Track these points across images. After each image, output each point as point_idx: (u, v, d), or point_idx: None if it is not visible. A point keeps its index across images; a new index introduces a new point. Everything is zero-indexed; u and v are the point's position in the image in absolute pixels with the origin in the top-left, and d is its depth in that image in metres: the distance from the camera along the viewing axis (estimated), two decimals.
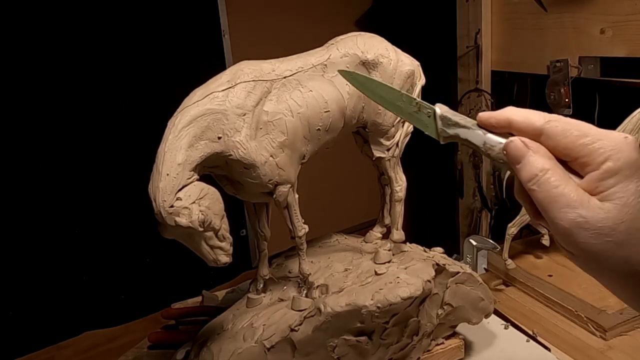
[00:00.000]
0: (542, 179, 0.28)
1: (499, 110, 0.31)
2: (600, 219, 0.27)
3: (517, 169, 0.30)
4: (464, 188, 1.28)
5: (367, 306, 0.54)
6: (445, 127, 0.34)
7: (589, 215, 0.27)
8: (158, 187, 0.44)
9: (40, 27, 0.91)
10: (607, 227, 0.27)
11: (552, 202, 0.28)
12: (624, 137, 0.28)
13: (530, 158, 0.29)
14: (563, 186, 0.28)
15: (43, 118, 0.94)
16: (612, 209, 0.27)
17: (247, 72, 0.51)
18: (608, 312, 0.71)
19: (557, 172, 0.28)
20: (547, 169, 0.28)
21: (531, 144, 0.29)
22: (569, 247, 0.29)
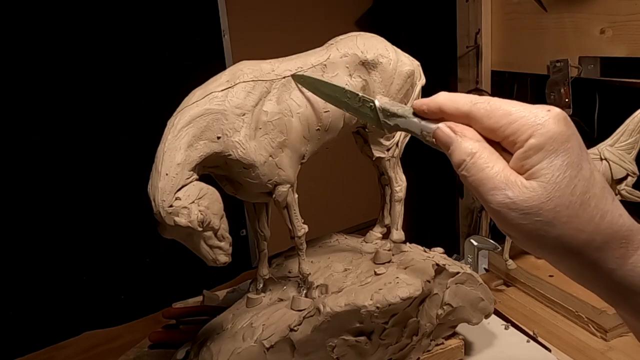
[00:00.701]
0: (469, 164, 0.28)
1: (431, 97, 0.31)
2: (527, 199, 0.26)
3: (448, 155, 0.30)
4: (464, 188, 1.28)
5: (367, 306, 0.54)
6: (386, 118, 0.35)
7: (515, 196, 0.26)
8: (157, 187, 0.44)
9: (41, 27, 0.92)
10: (534, 207, 0.26)
11: (481, 186, 0.28)
12: (547, 110, 0.27)
13: (457, 144, 0.29)
14: (490, 168, 0.27)
15: (43, 118, 0.94)
16: (538, 187, 0.26)
17: (246, 72, 0.51)
18: (609, 313, 0.71)
19: (485, 154, 0.28)
20: (474, 152, 0.28)
21: (458, 128, 0.29)
22: (503, 228, 0.28)
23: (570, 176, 0.26)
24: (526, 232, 0.27)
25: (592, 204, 0.26)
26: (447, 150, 0.30)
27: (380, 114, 0.35)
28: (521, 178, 0.27)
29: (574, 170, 0.26)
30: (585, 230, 0.26)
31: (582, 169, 0.26)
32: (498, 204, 0.27)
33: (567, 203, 0.26)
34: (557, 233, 0.26)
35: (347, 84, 0.56)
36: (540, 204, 0.26)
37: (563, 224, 0.26)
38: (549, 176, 0.26)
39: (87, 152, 0.99)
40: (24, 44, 0.91)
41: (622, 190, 0.78)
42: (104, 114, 1.00)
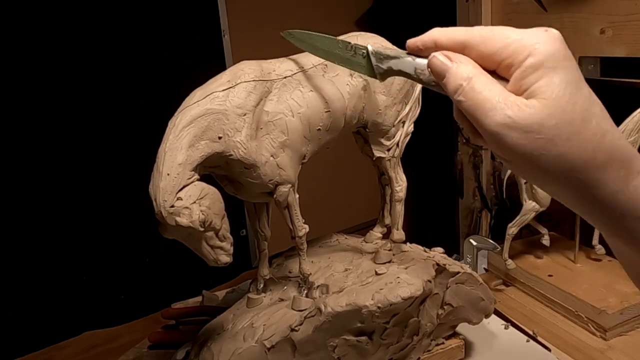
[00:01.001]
0: (466, 88, 0.28)
1: (425, 33, 0.31)
2: (527, 117, 0.26)
3: (443, 84, 0.29)
4: (464, 188, 1.28)
5: (368, 306, 0.54)
6: (379, 62, 0.35)
7: (515, 114, 0.26)
8: (158, 187, 0.44)
9: (41, 27, 0.91)
10: (535, 124, 0.25)
11: (479, 109, 0.27)
12: (544, 30, 0.27)
13: (453, 69, 0.28)
14: (488, 90, 0.27)
15: (43, 118, 0.94)
16: (538, 104, 0.26)
17: (247, 72, 0.51)
18: (608, 313, 0.71)
19: (482, 78, 0.28)
20: (471, 77, 0.28)
21: (454, 55, 0.29)
22: (501, 152, 0.28)
23: (570, 93, 0.26)
24: (526, 154, 0.26)
25: (593, 122, 0.26)
26: (443, 78, 0.29)
27: (373, 58, 0.35)
28: (520, 98, 0.26)
29: (574, 88, 0.26)
30: (587, 148, 0.25)
31: (581, 88, 0.26)
32: (497, 125, 0.26)
33: (568, 119, 0.25)
34: (558, 151, 0.25)
35: (348, 84, 0.56)
36: (542, 121, 0.25)
37: (565, 141, 0.25)
38: (548, 93, 0.26)
39: (87, 152, 0.99)
40: (24, 44, 0.91)
41: None
42: (105, 114, 1.00)
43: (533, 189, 0.82)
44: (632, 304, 0.73)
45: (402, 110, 0.62)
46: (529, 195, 0.83)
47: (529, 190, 0.83)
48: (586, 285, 0.79)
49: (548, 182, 0.28)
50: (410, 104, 0.62)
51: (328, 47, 0.40)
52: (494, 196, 1.23)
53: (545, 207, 0.82)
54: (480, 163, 1.22)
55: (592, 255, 0.87)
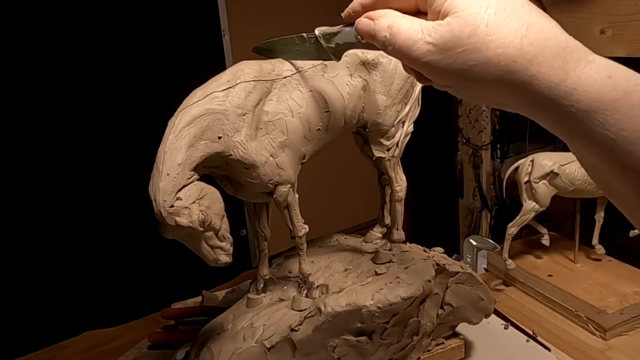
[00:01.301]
0: (389, 36, 0.29)
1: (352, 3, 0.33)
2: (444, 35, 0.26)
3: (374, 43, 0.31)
4: (464, 188, 1.28)
5: (368, 306, 0.54)
6: (327, 42, 0.38)
7: (434, 38, 0.26)
8: (158, 187, 0.44)
9: (41, 27, 0.91)
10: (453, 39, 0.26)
11: (404, 48, 0.28)
12: None
13: (375, 26, 0.30)
14: (407, 29, 0.28)
15: (43, 118, 0.94)
16: (452, 19, 0.26)
17: (247, 72, 0.51)
18: (608, 312, 0.71)
19: (401, 21, 0.29)
20: (391, 24, 0.29)
21: (374, 13, 0.31)
22: (440, 80, 0.28)
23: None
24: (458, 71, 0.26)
25: (513, 17, 0.25)
26: (372, 38, 0.31)
27: (322, 40, 0.38)
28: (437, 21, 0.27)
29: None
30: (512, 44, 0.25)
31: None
32: (423, 54, 0.27)
33: (485, 22, 0.25)
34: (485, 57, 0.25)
35: (348, 84, 0.56)
36: (459, 33, 0.26)
37: (487, 44, 0.25)
38: (458, 5, 0.26)
39: (87, 152, 0.99)
40: (24, 44, 0.91)
41: None
42: (105, 114, 1.00)
43: (533, 189, 0.82)
44: (632, 303, 0.73)
45: (402, 110, 0.62)
46: (529, 196, 0.83)
47: (529, 191, 0.83)
48: (586, 285, 0.79)
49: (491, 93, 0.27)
50: (410, 104, 0.62)
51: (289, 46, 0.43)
52: (494, 196, 1.23)
53: (545, 207, 0.82)
54: (480, 163, 1.22)
55: (592, 255, 0.87)
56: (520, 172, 0.84)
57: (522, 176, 0.83)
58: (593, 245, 0.86)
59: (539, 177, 0.81)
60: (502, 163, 1.22)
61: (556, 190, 0.81)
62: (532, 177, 0.82)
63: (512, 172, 0.86)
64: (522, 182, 0.83)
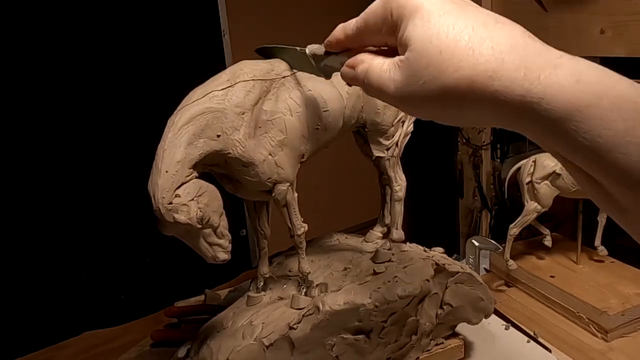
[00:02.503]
0: (367, 82, 0.30)
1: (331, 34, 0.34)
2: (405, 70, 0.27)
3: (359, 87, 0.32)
4: (464, 188, 1.27)
5: (365, 305, 0.54)
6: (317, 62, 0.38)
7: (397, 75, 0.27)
8: (157, 184, 0.45)
9: (41, 27, 0.92)
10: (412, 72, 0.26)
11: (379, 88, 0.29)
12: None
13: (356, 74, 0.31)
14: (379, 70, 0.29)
15: (43, 118, 0.95)
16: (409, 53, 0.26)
17: (246, 71, 0.51)
18: (609, 314, 0.70)
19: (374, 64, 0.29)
20: (366, 70, 0.30)
21: (352, 61, 0.31)
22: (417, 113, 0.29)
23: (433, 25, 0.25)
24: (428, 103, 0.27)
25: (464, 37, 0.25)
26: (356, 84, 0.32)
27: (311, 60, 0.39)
28: (399, 57, 0.27)
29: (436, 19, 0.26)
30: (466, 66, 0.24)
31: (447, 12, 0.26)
32: (393, 93, 0.27)
33: (438, 49, 0.25)
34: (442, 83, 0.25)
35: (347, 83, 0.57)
36: (416, 67, 0.26)
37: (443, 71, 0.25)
38: (413, 37, 0.26)
39: (87, 151, 0.99)
40: (24, 45, 0.92)
41: None
42: (105, 113, 1.00)
43: (535, 189, 0.82)
44: (634, 305, 0.72)
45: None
46: (531, 196, 0.83)
47: (531, 191, 0.82)
48: (588, 286, 0.78)
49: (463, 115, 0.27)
50: None
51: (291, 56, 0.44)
52: (494, 196, 1.23)
53: (547, 208, 0.82)
54: (480, 163, 1.22)
55: (594, 256, 0.87)
56: (522, 173, 0.83)
57: (525, 177, 0.82)
58: (595, 246, 0.85)
59: (542, 177, 0.81)
60: (502, 163, 1.22)
61: (558, 191, 0.81)
62: (534, 177, 0.81)
63: (514, 173, 0.86)
64: (524, 182, 0.83)
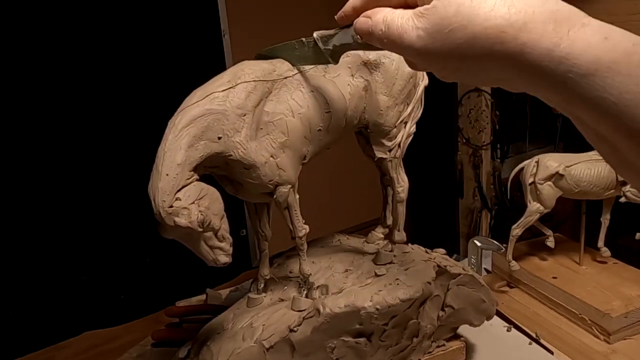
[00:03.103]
0: (384, 30, 0.29)
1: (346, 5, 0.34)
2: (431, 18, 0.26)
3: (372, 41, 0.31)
4: (464, 188, 1.27)
5: (366, 307, 0.53)
6: (325, 45, 0.38)
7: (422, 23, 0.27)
8: (157, 187, 0.44)
9: (41, 27, 0.92)
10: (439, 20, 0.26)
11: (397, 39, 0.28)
12: None
13: (372, 23, 0.30)
14: (399, 19, 0.28)
15: (43, 118, 0.94)
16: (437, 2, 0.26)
17: (247, 72, 0.51)
18: (612, 316, 0.70)
19: (394, 14, 0.29)
20: (386, 18, 0.29)
21: (371, 12, 0.31)
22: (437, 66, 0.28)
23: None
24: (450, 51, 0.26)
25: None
26: (370, 36, 0.31)
27: (320, 43, 0.39)
28: (424, 6, 0.27)
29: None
30: (498, 15, 0.24)
31: None
32: (414, 42, 0.27)
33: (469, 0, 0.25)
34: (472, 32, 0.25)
35: (349, 84, 0.56)
36: (444, 14, 0.26)
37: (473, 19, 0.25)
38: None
39: (87, 152, 0.99)
40: (24, 45, 0.91)
41: (627, 192, 0.78)
42: (104, 114, 1.00)
43: (538, 190, 0.81)
44: (637, 307, 0.72)
45: (404, 111, 0.61)
46: (534, 197, 0.82)
47: (534, 192, 0.82)
48: (590, 287, 0.78)
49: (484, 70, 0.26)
50: (412, 105, 0.62)
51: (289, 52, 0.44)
52: (494, 196, 1.23)
53: (550, 209, 0.82)
54: (480, 163, 1.22)
55: (597, 258, 0.87)
56: (525, 173, 0.83)
57: (527, 177, 0.82)
58: (598, 247, 0.85)
59: (544, 178, 0.80)
60: (502, 163, 1.22)
61: (561, 192, 0.80)
62: (537, 178, 0.81)
63: (516, 173, 0.85)
64: (526, 183, 0.82)
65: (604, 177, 0.77)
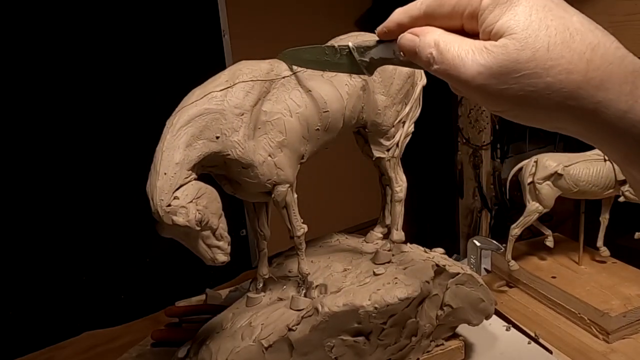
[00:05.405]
0: (435, 54, 0.27)
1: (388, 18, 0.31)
2: (499, 58, 0.24)
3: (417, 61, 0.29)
4: (464, 188, 1.27)
5: (364, 306, 0.53)
6: (361, 56, 0.37)
7: (487, 60, 0.24)
8: (155, 186, 0.44)
9: (41, 27, 0.92)
10: (510, 63, 0.24)
11: (452, 69, 0.26)
12: None
13: (419, 43, 0.28)
14: (455, 47, 0.26)
15: (43, 118, 0.95)
16: (507, 41, 0.24)
17: (245, 72, 0.51)
18: (611, 315, 0.70)
19: (448, 38, 0.27)
20: (437, 42, 0.27)
21: (419, 30, 0.29)
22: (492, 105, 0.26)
23: (539, 18, 0.24)
24: (514, 97, 0.24)
25: (576, 39, 0.23)
26: (415, 55, 0.29)
27: (355, 53, 0.37)
28: (489, 42, 0.25)
29: (542, 12, 0.24)
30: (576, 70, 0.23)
31: (551, 9, 0.24)
32: (474, 78, 0.25)
33: (545, 46, 0.23)
34: (545, 83, 0.23)
35: (347, 84, 0.56)
36: (517, 57, 0.24)
37: (549, 69, 0.23)
38: (514, 26, 0.24)
39: (86, 151, 0.99)
40: (24, 45, 0.91)
41: (626, 192, 0.78)
42: (104, 114, 1.00)
43: (537, 190, 0.81)
44: (636, 306, 0.72)
45: (402, 111, 0.62)
46: (533, 197, 0.82)
47: (533, 192, 0.82)
48: (589, 287, 0.78)
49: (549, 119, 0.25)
50: (410, 104, 0.62)
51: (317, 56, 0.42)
52: (494, 196, 1.23)
53: (549, 209, 0.82)
54: (480, 163, 1.22)
55: (596, 257, 0.87)
56: (524, 173, 0.83)
57: (526, 177, 0.82)
58: (598, 247, 0.85)
59: (543, 178, 0.80)
60: (502, 163, 1.22)
61: (560, 192, 0.80)
62: (536, 178, 0.81)
63: (515, 173, 0.85)
64: (525, 183, 0.82)
65: (602, 177, 0.77)
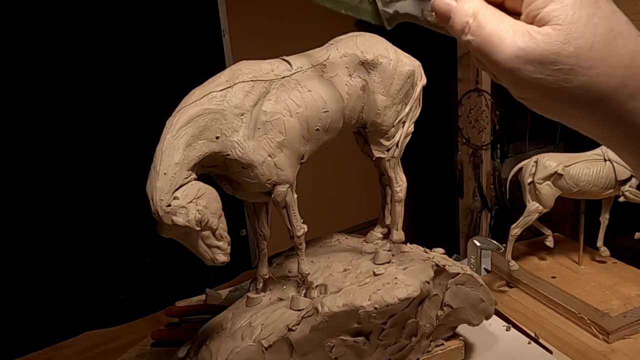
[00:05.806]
0: (472, 25, 0.25)
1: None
2: (541, 46, 0.23)
3: (449, 26, 0.27)
4: (464, 188, 1.27)
5: (364, 307, 0.53)
6: (385, 7, 0.34)
7: (527, 45, 0.23)
8: (155, 186, 0.45)
9: (41, 27, 0.92)
10: (551, 54, 0.23)
11: (488, 45, 0.24)
12: None
13: (457, 8, 0.26)
14: (495, 23, 0.24)
15: (43, 118, 0.95)
16: (552, 31, 0.23)
17: (245, 72, 0.51)
18: (611, 315, 0.70)
19: (488, 12, 0.25)
20: (476, 12, 0.25)
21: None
22: (519, 90, 0.25)
23: (587, 14, 0.23)
24: (546, 88, 0.23)
25: (619, 43, 0.23)
26: (448, 20, 0.27)
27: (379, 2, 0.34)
28: (532, 26, 0.24)
29: (591, 8, 0.23)
30: (615, 75, 0.23)
31: (600, 6, 0.23)
32: (509, 59, 0.23)
33: (589, 44, 0.22)
34: (581, 81, 0.23)
35: (347, 84, 0.56)
36: (558, 49, 0.23)
37: (588, 69, 0.22)
38: (562, 17, 0.23)
39: (86, 151, 0.99)
40: (24, 45, 0.91)
41: (626, 192, 0.78)
42: (104, 114, 1.00)
43: (537, 190, 0.81)
44: (636, 306, 0.72)
45: (402, 111, 0.61)
46: (533, 197, 0.82)
47: (533, 192, 0.82)
48: (589, 287, 0.78)
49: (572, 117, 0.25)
50: (410, 104, 0.62)
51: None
52: (494, 196, 1.23)
53: (549, 209, 0.82)
54: (480, 163, 1.22)
55: (596, 257, 0.86)
56: (524, 173, 0.83)
57: (526, 177, 0.82)
58: (598, 247, 0.85)
59: (543, 178, 0.80)
60: (502, 163, 1.22)
61: (560, 192, 0.80)
62: (536, 178, 0.81)
63: (515, 173, 0.85)
64: (525, 183, 0.82)
65: (602, 177, 0.77)
